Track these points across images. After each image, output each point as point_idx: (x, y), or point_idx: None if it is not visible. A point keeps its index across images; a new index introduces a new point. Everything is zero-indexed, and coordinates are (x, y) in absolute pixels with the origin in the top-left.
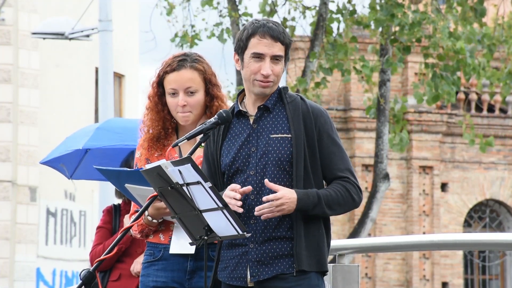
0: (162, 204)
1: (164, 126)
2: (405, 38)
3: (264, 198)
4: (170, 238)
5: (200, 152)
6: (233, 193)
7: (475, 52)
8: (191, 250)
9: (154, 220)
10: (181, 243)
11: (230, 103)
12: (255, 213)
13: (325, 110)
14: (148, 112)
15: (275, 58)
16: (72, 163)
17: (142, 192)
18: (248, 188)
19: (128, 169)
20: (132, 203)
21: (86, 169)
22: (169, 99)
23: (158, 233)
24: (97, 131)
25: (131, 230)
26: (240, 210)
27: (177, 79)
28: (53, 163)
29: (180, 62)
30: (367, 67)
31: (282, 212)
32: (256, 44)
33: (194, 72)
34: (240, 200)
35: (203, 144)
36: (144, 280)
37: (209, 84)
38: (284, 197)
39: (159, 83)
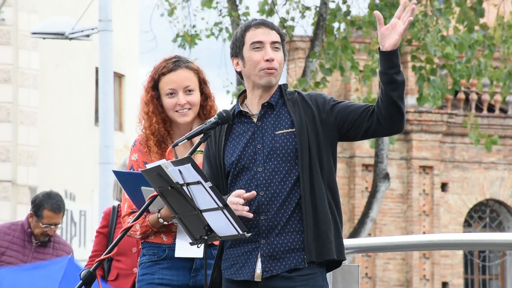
0: None
1: (166, 127)
2: None
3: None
4: (174, 239)
5: (200, 158)
6: (236, 199)
7: (473, 56)
8: (199, 254)
9: (165, 222)
10: (186, 247)
11: (228, 103)
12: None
13: (321, 93)
14: (150, 117)
15: (274, 46)
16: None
17: None
18: (252, 193)
19: None
20: (127, 204)
21: None
22: (167, 100)
23: (160, 234)
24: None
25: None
26: (250, 215)
27: (175, 79)
28: None
29: (175, 63)
30: (369, 66)
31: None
32: (253, 35)
33: (190, 71)
34: (245, 205)
35: (202, 149)
36: (149, 278)
37: (203, 83)
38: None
39: (153, 87)
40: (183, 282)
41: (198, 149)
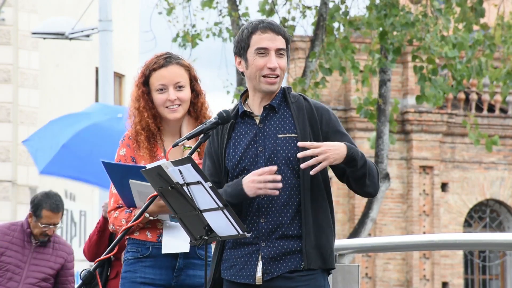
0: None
1: (156, 123)
2: (396, 39)
3: (300, 144)
4: (158, 237)
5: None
6: (263, 177)
7: (473, 56)
8: (186, 248)
9: (151, 217)
10: (173, 243)
11: (227, 103)
12: (302, 166)
13: (329, 107)
14: (141, 112)
15: (279, 52)
16: (45, 156)
17: (144, 189)
18: (274, 167)
19: (141, 166)
20: (113, 198)
21: (57, 164)
22: (157, 96)
23: (145, 231)
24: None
25: (114, 225)
26: (276, 193)
27: (166, 74)
28: (31, 147)
29: (167, 59)
30: (368, 66)
31: (329, 161)
32: (259, 40)
33: (181, 68)
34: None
35: (190, 146)
36: (131, 275)
37: (194, 80)
38: (325, 144)
39: (144, 83)
40: (165, 281)
41: (187, 145)
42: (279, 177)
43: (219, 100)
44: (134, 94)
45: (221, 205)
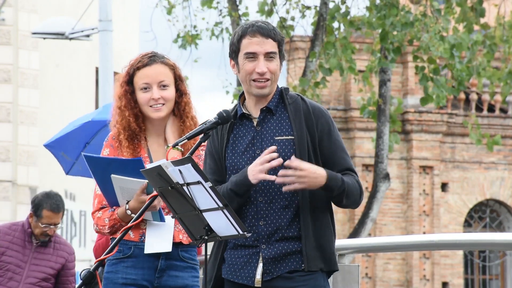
0: (146, 198)
1: (138, 123)
2: (396, 39)
3: (287, 163)
4: (141, 236)
5: (174, 153)
6: (263, 158)
7: (473, 57)
8: (167, 248)
9: (132, 214)
10: (155, 242)
11: (227, 103)
12: (277, 180)
13: (326, 110)
14: (123, 111)
15: (268, 56)
16: (71, 156)
17: (126, 184)
18: (273, 147)
19: (122, 158)
20: (97, 199)
21: (84, 165)
22: (141, 94)
23: None
24: (105, 107)
25: (97, 226)
26: (273, 178)
27: (150, 73)
28: (55, 148)
29: (151, 58)
30: (369, 66)
31: (302, 186)
32: (248, 44)
33: (165, 67)
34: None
35: (178, 147)
36: (112, 276)
37: (179, 80)
38: (309, 170)
39: (128, 82)
40: (147, 282)
41: (178, 146)
42: (275, 154)
43: (218, 100)
44: (117, 93)
45: (221, 205)
